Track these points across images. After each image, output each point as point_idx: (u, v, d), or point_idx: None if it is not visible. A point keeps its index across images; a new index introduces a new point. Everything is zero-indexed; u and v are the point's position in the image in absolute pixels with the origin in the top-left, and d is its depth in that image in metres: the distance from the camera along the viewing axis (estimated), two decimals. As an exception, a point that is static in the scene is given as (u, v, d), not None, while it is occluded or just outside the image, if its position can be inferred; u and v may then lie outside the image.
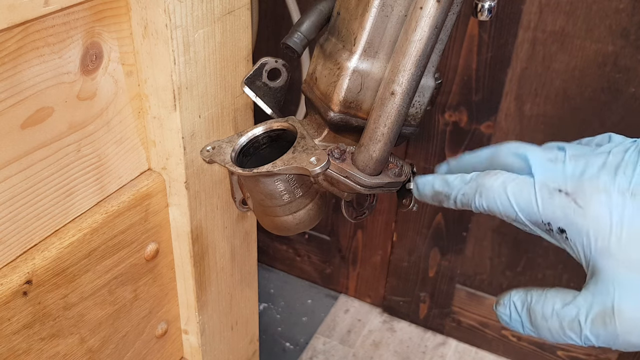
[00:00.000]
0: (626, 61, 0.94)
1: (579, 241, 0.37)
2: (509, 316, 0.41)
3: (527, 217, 0.39)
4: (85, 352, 0.55)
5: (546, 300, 0.39)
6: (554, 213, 0.38)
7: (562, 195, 0.38)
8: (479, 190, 0.41)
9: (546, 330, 0.39)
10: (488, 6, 0.49)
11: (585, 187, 0.38)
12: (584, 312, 0.37)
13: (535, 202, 0.39)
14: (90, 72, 0.48)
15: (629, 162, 0.38)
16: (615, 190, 0.37)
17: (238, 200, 0.59)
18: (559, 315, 0.38)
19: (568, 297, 0.38)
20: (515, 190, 0.40)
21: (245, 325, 0.76)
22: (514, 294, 0.42)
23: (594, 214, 0.37)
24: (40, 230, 0.48)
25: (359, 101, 0.49)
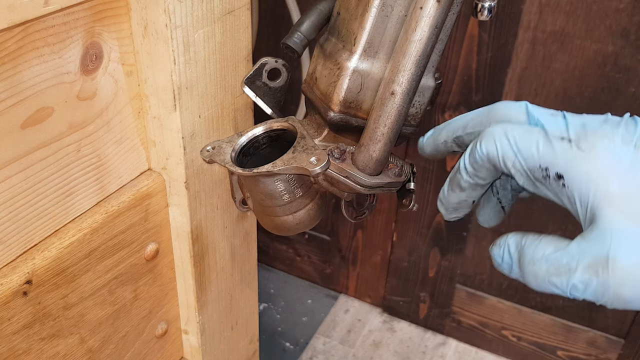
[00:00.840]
0: (626, 61, 0.94)
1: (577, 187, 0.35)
2: (501, 257, 0.40)
3: (525, 160, 0.38)
4: (85, 352, 0.55)
5: (539, 244, 0.38)
6: (554, 157, 0.37)
7: (564, 141, 0.37)
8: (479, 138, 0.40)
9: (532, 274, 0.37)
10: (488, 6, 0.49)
11: (589, 135, 0.36)
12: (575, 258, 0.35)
13: (535, 146, 0.37)
14: (90, 72, 0.48)
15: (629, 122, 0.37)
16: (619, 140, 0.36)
17: (238, 200, 0.59)
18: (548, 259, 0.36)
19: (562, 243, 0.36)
20: (516, 134, 0.38)
21: (245, 325, 0.76)
22: (510, 236, 0.40)
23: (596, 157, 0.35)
24: (40, 230, 0.48)
25: (359, 101, 0.49)
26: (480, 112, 0.43)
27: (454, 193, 0.43)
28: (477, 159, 0.40)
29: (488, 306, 1.29)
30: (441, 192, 0.45)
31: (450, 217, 0.45)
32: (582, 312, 1.22)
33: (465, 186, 0.42)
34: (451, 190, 0.44)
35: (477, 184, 0.42)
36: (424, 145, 0.47)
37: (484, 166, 0.40)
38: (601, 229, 0.34)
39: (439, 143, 0.46)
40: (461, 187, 0.43)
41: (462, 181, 0.42)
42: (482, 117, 0.43)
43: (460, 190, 0.43)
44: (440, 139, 0.45)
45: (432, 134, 0.47)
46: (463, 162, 0.42)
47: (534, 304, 1.25)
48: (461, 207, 0.44)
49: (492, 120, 0.42)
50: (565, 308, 1.23)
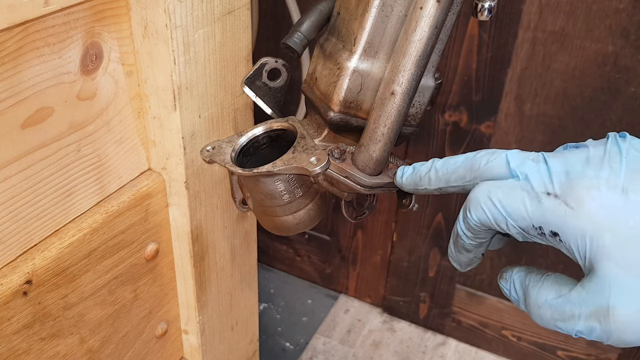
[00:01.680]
0: (626, 61, 0.94)
1: (574, 243, 0.36)
2: (509, 292, 0.42)
3: (516, 222, 0.38)
4: (85, 352, 0.55)
5: (542, 287, 0.39)
6: (545, 217, 0.37)
7: (550, 198, 0.37)
8: (467, 206, 0.41)
9: (538, 317, 0.39)
10: (488, 6, 0.49)
11: (574, 187, 0.37)
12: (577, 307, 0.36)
13: (523, 207, 0.38)
14: (90, 72, 0.48)
15: (612, 154, 0.37)
16: (604, 187, 0.36)
17: (238, 200, 0.59)
18: (552, 306, 0.38)
19: (563, 289, 0.38)
20: (501, 197, 0.39)
21: (245, 325, 0.76)
22: (515, 272, 0.41)
23: (586, 214, 0.36)
24: (40, 230, 0.48)
25: (359, 101, 0.49)
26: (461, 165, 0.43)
27: (462, 254, 0.45)
28: (472, 225, 0.41)
29: (488, 306, 1.29)
30: (449, 252, 0.46)
31: (465, 270, 0.47)
32: (582, 312, 1.22)
33: (470, 248, 0.44)
34: (458, 252, 0.45)
35: (480, 244, 0.43)
36: (403, 183, 0.47)
37: (480, 230, 0.41)
38: (600, 280, 0.36)
39: (420, 188, 0.46)
40: (467, 249, 0.44)
41: (466, 245, 0.43)
42: (465, 172, 0.42)
43: (467, 251, 0.44)
44: (422, 185, 0.45)
45: (412, 175, 0.46)
46: (460, 229, 0.42)
47: (534, 304, 1.25)
48: (473, 262, 0.46)
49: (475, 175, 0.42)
50: (565, 308, 1.23)
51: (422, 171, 0.45)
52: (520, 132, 1.07)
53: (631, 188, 0.36)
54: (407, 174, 0.46)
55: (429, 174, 0.44)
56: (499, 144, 1.09)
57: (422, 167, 0.45)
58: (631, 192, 0.36)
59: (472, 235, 0.42)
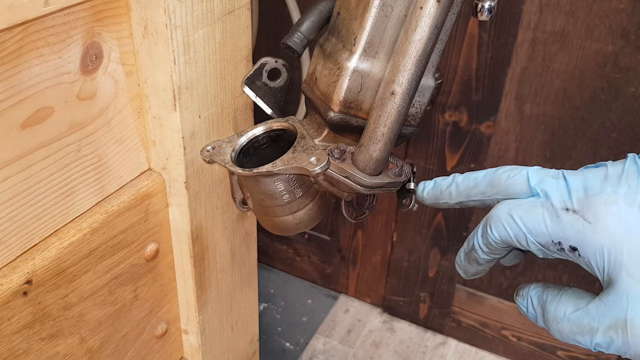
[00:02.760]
0: (626, 61, 0.94)
1: (592, 257, 0.37)
2: (526, 308, 0.42)
3: (536, 238, 0.39)
4: (85, 352, 0.55)
5: (560, 302, 0.39)
6: (564, 232, 0.38)
7: (569, 213, 0.38)
8: (487, 222, 0.42)
9: (556, 332, 0.39)
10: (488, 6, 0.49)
11: (592, 202, 0.37)
12: (596, 320, 0.37)
13: (543, 223, 0.39)
14: (90, 72, 0.48)
15: (630, 172, 0.38)
16: (622, 202, 0.37)
17: (238, 200, 0.59)
18: (570, 320, 0.38)
19: (581, 302, 0.38)
20: (522, 214, 0.40)
21: (245, 325, 0.76)
22: (532, 288, 0.42)
23: (604, 229, 0.37)
24: (40, 230, 0.48)
25: (359, 101, 0.49)
26: (482, 181, 0.43)
27: (472, 266, 0.46)
28: (491, 242, 0.42)
29: (488, 306, 1.29)
30: (458, 260, 0.47)
31: (469, 278, 0.48)
32: (582, 312, 1.22)
33: (483, 262, 0.44)
34: (469, 264, 0.46)
35: (493, 259, 0.44)
36: (425, 197, 0.48)
37: (498, 247, 0.42)
38: (618, 293, 0.36)
39: (441, 202, 0.46)
40: (479, 262, 0.45)
41: (480, 258, 0.44)
42: (484, 187, 0.43)
43: (478, 264, 0.45)
44: (442, 199, 0.46)
45: (433, 190, 0.47)
46: (477, 244, 0.43)
47: (534, 304, 1.25)
48: (479, 273, 0.46)
49: (495, 191, 0.42)
50: (565, 308, 1.23)
51: (443, 186, 0.46)
52: (520, 132, 1.07)
53: None
54: (429, 188, 0.47)
55: (450, 188, 0.45)
56: (499, 144, 1.10)
57: (444, 181, 0.46)
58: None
59: (489, 251, 0.43)
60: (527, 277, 1.22)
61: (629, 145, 0.97)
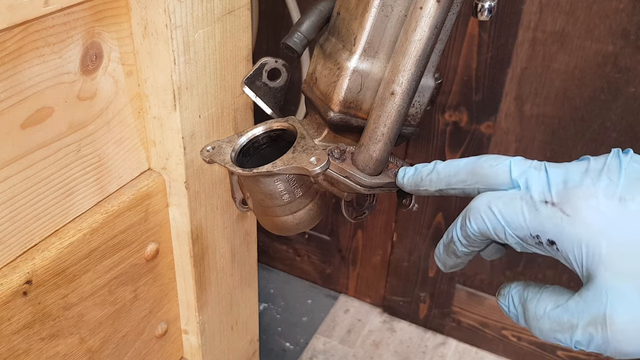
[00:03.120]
0: (626, 61, 0.94)
1: (570, 251, 0.36)
2: (508, 308, 0.42)
3: (515, 232, 0.39)
4: (85, 352, 0.55)
5: (540, 299, 0.39)
6: (542, 225, 0.37)
7: (548, 206, 0.37)
8: (466, 214, 0.41)
9: (537, 329, 0.39)
10: (488, 6, 0.49)
11: (571, 195, 0.37)
12: (575, 316, 0.36)
13: (522, 215, 0.38)
14: (90, 72, 0.48)
15: (611, 166, 0.37)
16: (602, 195, 0.36)
17: (238, 200, 0.59)
18: (550, 317, 0.38)
19: (561, 299, 0.38)
20: (501, 207, 0.39)
21: (245, 325, 0.76)
22: (513, 287, 0.41)
23: (583, 222, 0.36)
24: (40, 230, 0.48)
25: (359, 101, 0.49)
26: (463, 169, 0.43)
27: (451, 259, 0.45)
28: (470, 234, 0.41)
29: (488, 306, 1.29)
30: (437, 251, 0.46)
31: (447, 271, 0.47)
32: (582, 312, 1.22)
33: (461, 254, 0.44)
34: (447, 256, 0.45)
35: (472, 252, 0.44)
36: (404, 184, 0.47)
37: (477, 239, 0.41)
38: (597, 289, 0.36)
39: (420, 189, 0.46)
40: (457, 255, 0.44)
41: (458, 251, 0.44)
42: (465, 175, 0.42)
43: (457, 257, 0.45)
44: (422, 186, 0.46)
45: (414, 176, 0.46)
46: (456, 236, 0.43)
47: (534, 304, 1.25)
48: (457, 265, 0.46)
49: (476, 180, 0.42)
50: (565, 308, 1.23)
51: (424, 172, 0.45)
52: (520, 132, 1.07)
53: (629, 197, 0.36)
54: (409, 174, 0.47)
55: (431, 175, 0.45)
56: (499, 144, 1.10)
57: (424, 168, 0.45)
58: (629, 201, 0.35)
59: (467, 243, 0.42)
60: (527, 276, 1.22)
61: (629, 145, 0.97)
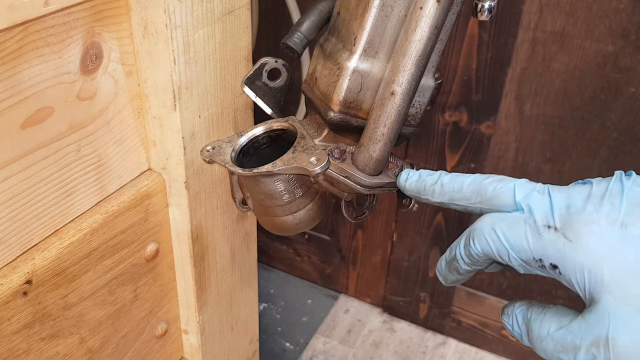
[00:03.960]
0: (626, 61, 0.94)
1: (573, 276, 0.37)
2: (512, 327, 0.42)
3: (518, 254, 0.39)
4: (85, 352, 0.55)
5: (543, 320, 0.40)
6: (545, 249, 0.38)
7: (551, 231, 0.38)
8: (470, 235, 0.42)
9: (541, 350, 0.40)
10: (488, 6, 0.49)
11: (574, 221, 0.37)
12: (578, 338, 0.37)
13: (525, 239, 0.39)
14: (90, 72, 0.48)
15: (613, 191, 0.38)
16: (604, 221, 0.37)
17: (238, 200, 0.59)
18: (553, 338, 0.39)
19: (564, 320, 0.38)
20: (505, 229, 0.40)
21: (245, 325, 0.76)
22: (517, 307, 0.42)
23: (585, 248, 0.37)
24: (40, 230, 0.48)
25: (359, 101, 0.49)
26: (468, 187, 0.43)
27: (452, 275, 0.46)
28: (474, 254, 0.42)
29: (488, 306, 1.29)
30: (439, 266, 0.47)
31: (448, 285, 0.48)
32: (582, 312, 1.22)
33: (463, 272, 0.44)
34: (449, 272, 0.46)
35: (474, 269, 0.44)
36: (406, 188, 0.47)
37: (480, 259, 0.42)
38: (599, 312, 0.36)
39: (422, 197, 0.46)
40: (459, 272, 0.45)
41: (460, 268, 0.44)
42: (471, 194, 0.43)
43: (459, 274, 0.45)
44: (425, 195, 0.46)
45: (417, 183, 0.46)
46: (459, 254, 0.43)
47: (534, 304, 1.25)
48: (459, 281, 0.47)
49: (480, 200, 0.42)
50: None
51: (428, 182, 0.45)
52: (520, 132, 1.07)
53: (630, 222, 0.36)
54: (412, 179, 0.47)
55: (434, 186, 0.45)
56: (499, 144, 1.09)
57: (429, 177, 0.46)
58: (630, 226, 0.36)
59: (470, 262, 0.43)
60: (527, 276, 1.22)
61: (629, 145, 0.97)
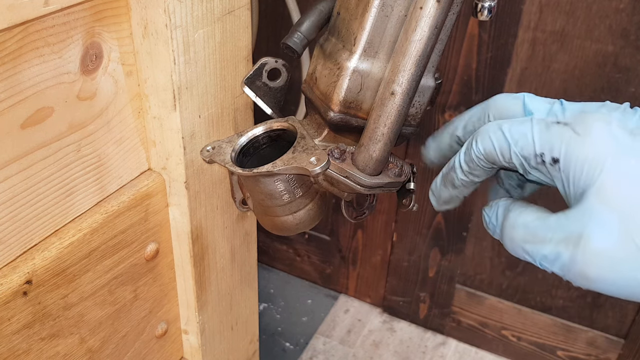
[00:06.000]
0: (626, 61, 0.94)
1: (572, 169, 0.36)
2: (489, 217, 0.41)
3: (520, 150, 0.38)
4: (85, 352, 0.55)
5: (524, 211, 0.38)
6: (550, 141, 0.37)
7: (560, 125, 0.37)
8: (474, 137, 0.40)
9: (509, 238, 0.38)
10: (488, 6, 0.49)
11: (585, 117, 0.36)
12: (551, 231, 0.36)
13: (530, 133, 0.37)
14: (90, 72, 0.48)
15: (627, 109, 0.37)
16: (615, 124, 0.36)
17: (238, 200, 0.59)
18: (527, 227, 0.37)
19: (544, 214, 0.37)
20: (511, 126, 0.38)
21: (245, 325, 0.76)
22: (503, 200, 0.41)
23: (592, 141, 0.35)
24: (40, 230, 0.48)
25: (359, 101, 0.49)
26: (478, 108, 0.43)
27: (447, 189, 0.44)
28: (474, 157, 0.40)
29: (488, 306, 1.29)
30: (433, 184, 0.45)
31: (440, 208, 0.46)
32: (582, 312, 1.22)
33: (459, 184, 0.43)
34: (444, 187, 0.44)
35: (471, 182, 0.42)
36: (429, 152, 0.47)
37: (479, 164, 0.40)
38: (582, 209, 0.35)
39: (444, 147, 0.46)
40: (454, 185, 0.43)
41: (456, 180, 0.43)
42: (480, 113, 0.43)
43: (453, 187, 0.43)
44: (444, 142, 0.45)
45: (433, 138, 0.46)
46: (458, 161, 0.42)
47: (534, 304, 1.25)
48: (452, 201, 0.45)
49: (490, 114, 0.42)
50: (565, 308, 1.23)
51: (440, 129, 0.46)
52: (520, 132, 1.07)
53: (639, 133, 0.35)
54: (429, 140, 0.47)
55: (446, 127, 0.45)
56: (499, 144, 1.09)
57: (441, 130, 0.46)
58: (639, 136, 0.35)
59: (468, 170, 0.41)
60: (527, 276, 1.22)
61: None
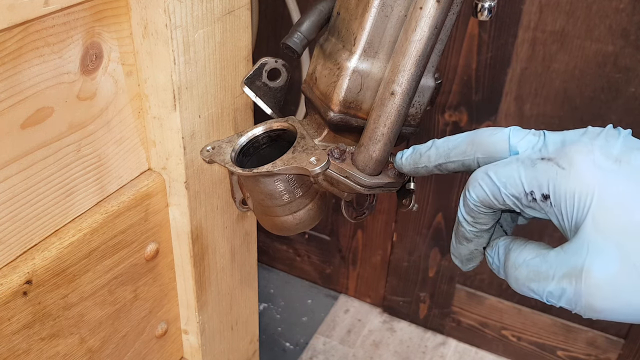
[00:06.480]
0: (626, 61, 0.94)
1: (563, 203, 0.36)
2: (492, 258, 0.42)
3: (510, 191, 0.38)
4: (85, 352, 0.55)
5: (523, 250, 0.39)
6: (537, 179, 0.37)
7: (544, 161, 0.37)
8: (465, 188, 0.41)
9: (513, 278, 0.39)
10: (488, 6, 0.49)
11: (567, 150, 0.37)
12: (553, 267, 0.36)
13: (517, 173, 0.38)
14: (90, 72, 0.48)
15: (609, 132, 0.38)
16: (598, 152, 0.36)
17: (238, 200, 0.59)
18: (528, 265, 0.38)
19: (543, 251, 0.38)
20: (497, 170, 0.39)
21: (245, 325, 0.76)
22: (502, 239, 0.42)
23: (577, 174, 0.36)
24: (40, 230, 0.48)
25: (359, 101, 0.49)
26: (463, 141, 0.43)
27: (463, 245, 0.45)
28: (472, 206, 0.41)
29: (488, 306, 1.29)
30: (451, 247, 0.46)
31: (466, 268, 0.46)
32: (582, 312, 1.22)
33: (471, 236, 0.43)
34: (459, 244, 0.45)
35: (481, 231, 0.43)
36: (403, 165, 0.47)
37: (480, 212, 0.41)
38: (579, 242, 0.35)
39: (419, 167, 0.46)
40: (467, 239, 0.44)
41: (467, 233, 0.43)
42: (465, 147, 0.43)
43: (467, 241, 0.44)
44: (421, 163, 0.46)
45: (412, 155, 0.46)
46: (461, 214, 0.43)
47: (534, 304, 1.25)
48: (474, 256, 0.45)
49: (475, 149, 0.42)
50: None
51: (422, 149, 0.46)
52: (520, 132, 1.07)
53: (624, 160, 0.36)
54: (407, 154, 0.47)
55: (429, 152, 0.45)
56: (499, 144, 1.09)
57: (422, 146, 0.46)
58: (624, 162, 0.36)
59: (472, 220, 0.42)
60: (527, 277, 1.22)
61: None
